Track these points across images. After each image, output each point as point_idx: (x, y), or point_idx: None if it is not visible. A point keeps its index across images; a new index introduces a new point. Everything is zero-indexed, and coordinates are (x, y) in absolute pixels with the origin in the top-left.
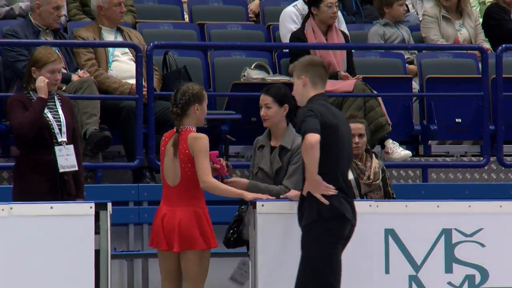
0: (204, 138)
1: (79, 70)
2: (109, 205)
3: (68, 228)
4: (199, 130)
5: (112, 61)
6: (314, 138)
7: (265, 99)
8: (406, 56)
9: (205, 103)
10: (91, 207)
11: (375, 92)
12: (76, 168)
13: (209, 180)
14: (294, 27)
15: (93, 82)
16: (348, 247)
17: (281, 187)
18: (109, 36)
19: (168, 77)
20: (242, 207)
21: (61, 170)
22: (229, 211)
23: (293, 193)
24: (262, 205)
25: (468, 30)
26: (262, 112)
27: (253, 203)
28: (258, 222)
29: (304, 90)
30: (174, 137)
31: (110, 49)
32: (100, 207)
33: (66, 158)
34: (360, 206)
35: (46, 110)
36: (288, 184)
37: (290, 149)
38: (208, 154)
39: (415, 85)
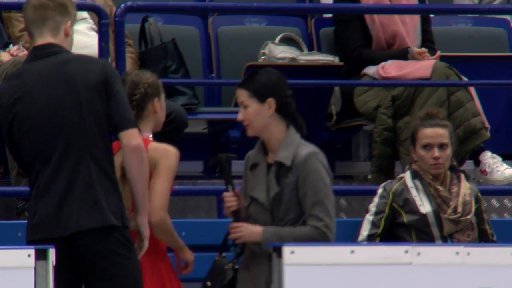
0: (176, 154)
1: (11, 46)
2: (52, 252)
3: None
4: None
5: None
6: None
7: (239, 95)
8: None
9: (163, 97)
10: (29, 256)
11: (465, 80)
12: None
13: (165, 214)
14: None
15: None
16: None
17: (310, 229)
18: None
19: (148, 56)
20: (222, 255)
21: None
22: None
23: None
24: (292, 252)
25: None
26: (239, 115)
27: (277, 249)
28: (286, 278)
29: None
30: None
31: None
32: (39, 256)
33: None
34: (442, 254)
35: None
36: (315, 219)
37: (291, 166)
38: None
39: None
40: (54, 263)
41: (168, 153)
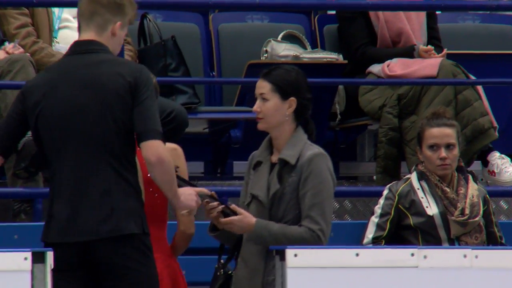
0: (182, 151)
1: (6, 43)
2: (50, 255)
3: None
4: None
5: (59, 28)
6: None
7: (261, 86)
8: None
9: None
10: (26, 259)
11: (473, 78)
12: None
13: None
14: None
15: (29, 62)
16: None
17: (304, 230)
18: None
19: (147, 54)
20: (221, 262)
21: None
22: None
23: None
24: (295, 255)
25: None
26: (255, 106)
27: (280, 252)
28: (289, 282)
29: None
30: None
31: (56, 10)
32: (37, 259)
33: None
34: (449, 256)
35: None
36: (312, 221)
37: (296, 165)
38: None
39: None
40: (52, 266)
41: (177, 152)
